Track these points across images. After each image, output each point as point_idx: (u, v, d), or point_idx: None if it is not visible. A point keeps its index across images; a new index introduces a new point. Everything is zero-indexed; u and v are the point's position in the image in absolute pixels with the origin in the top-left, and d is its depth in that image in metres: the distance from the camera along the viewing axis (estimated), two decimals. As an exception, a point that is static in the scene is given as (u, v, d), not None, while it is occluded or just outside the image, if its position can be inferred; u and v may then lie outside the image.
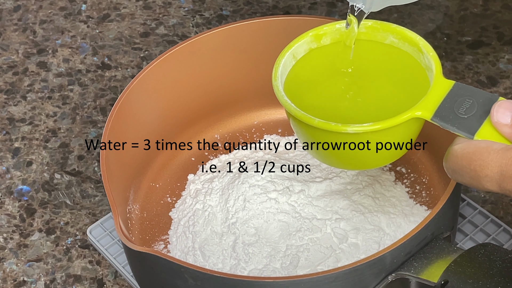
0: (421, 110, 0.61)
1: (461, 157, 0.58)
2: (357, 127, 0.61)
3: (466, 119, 0.60)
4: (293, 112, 0.63)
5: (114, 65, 1.03)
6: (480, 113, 0.60)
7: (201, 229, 0.77)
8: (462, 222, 0.81)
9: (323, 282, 0.64)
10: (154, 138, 0.83)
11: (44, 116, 0.98)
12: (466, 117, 0.60)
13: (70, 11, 1.10)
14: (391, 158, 0.66)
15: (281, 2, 1.08)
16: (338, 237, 0.74)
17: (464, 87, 0.61)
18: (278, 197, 0.77)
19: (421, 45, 0.66)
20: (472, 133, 0.59)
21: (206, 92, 0.86)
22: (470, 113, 0.60)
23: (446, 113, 0.60)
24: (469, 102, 0.60)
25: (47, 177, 0.91)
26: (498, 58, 0.99)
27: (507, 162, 0.55)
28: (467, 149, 0.58)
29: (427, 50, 0.65)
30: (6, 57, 1.05)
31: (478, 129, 0.59)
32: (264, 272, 0.73)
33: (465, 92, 0.61)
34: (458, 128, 0.60)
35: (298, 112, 0.63)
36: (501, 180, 0.55)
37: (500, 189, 0.56)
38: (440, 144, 0.79)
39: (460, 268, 0.63)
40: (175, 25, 1.07)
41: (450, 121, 0.60)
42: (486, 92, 0.61)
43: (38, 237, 0.86)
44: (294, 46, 0.68)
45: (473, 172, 0.57)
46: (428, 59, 0.65)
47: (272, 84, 0.65)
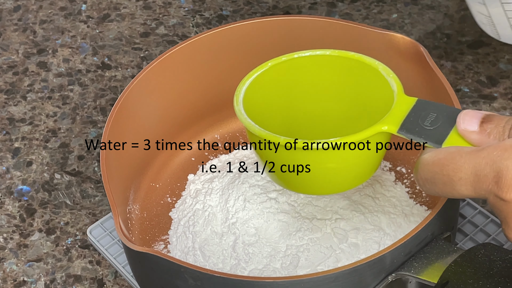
0: (387, 125, 0.62)
1: (432, 164, 0.58)
2: (323, 142, 0.61)
3: (432, 130, 0.60)
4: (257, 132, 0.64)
5: (114, 65, 1.03)
6: (445, 124, 0.60)
7: (201, 229, 0.77)
8: (462, 222, 0.81)
9: (323, 282, 0.64)
10: (154, 138, 0.83)
11: (44, 116, 0.98)
12: (432, 128, 0.60)
13: (70, 11, 1.10)
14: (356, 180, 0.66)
15: (281, 2, 1.08)
16: (338, 237, 0.74)
17: (427, 102, 0.62)
18: (278, 197, 0.78)
19: (380, 69, 0.66)
20: (439, 143, 0.59)
21: (206, 92, 0.85)
22: (435, 124, 0.60)
23: (412, 126, 0.61)
24: (433, 115, 0.61)
25: (47, 177, 0.91)
26: (498, 58, 0.99)
27: (481, 162, 0.55)
28: (437, 156, 0.58)
29: (387, 73, 0.66)
30: (6, 57, 1.05)
31: (445, 138, 0.59)
32: (264, 272, 0.73)
33: (428, 107, 0.62)
34: (425, 138, 0.60)
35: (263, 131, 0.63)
36: (476, 181, 0.55)
37: (475, 192, 0.56)
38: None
39: (460, 268, 0.63)
40: (175, 25, 1.07)
41: (417, 133, 0.61)
42: (449, 106, 0.61)
43: (38, 237, 0.86)
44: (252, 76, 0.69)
45: (446, 178, 0.57)
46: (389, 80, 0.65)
47: (234, 109, 0.66)
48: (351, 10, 1.07)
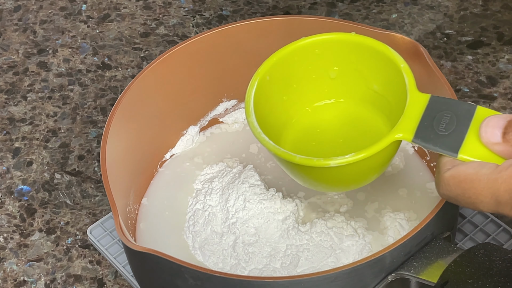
0: (401, 132, 0.61)
1: (453, 186, 0.58)
2: (339, 160, 0.61)
3: (447, 136, 0.59)
4: (273, 150, 0.63)
5: (114, 65, 1.03)
6: (460, 127, 0.59)
7: (201, 229, 0.77)
8: (462, 222, 0.81)
9: (323, 282, 0.64)
10: (154, 138, 0.83)
11: (44, 116, 0.98)
12: (447, 134, 0.59)
13: (70, 11, 1.10)
14: (370, 179, 0.66)
15: (281, 2, 1.08)
16: (338, 237, 0.74)
17: (440, 99, 0.61)
18: (278, 197, 0.77)
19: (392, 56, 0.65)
20: (455, 151, 0.59)
21: (206, 92, 0.86)
22: (450, 129, 0.59)
23: (427, 132, 0.60)
24: (448, 116, 0.60)
25: (47, 177, 0.91)
26: (498, 58, 0.99)
27: (499, 188, 0.55)
28: (458, 178, 0.58)
29: (398, 61, 0.65)
30: (6, 57, 1.05)
31: (460, 146, 0.59)
32: (264, 272, 0.73)
33: (442, 105, 0.61)
34: (440, 147, 0.59)
35: (278, 149, 0.63)
36: (497, 205, 0.56)
37: (498, 211, 0.56)
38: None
39: (460, 268, 0.63)
40: (175, 25, 1.07)
41: (432, 141, 0.60)
42: (462, 102, 0.60)
43: (38, 237, 0.86)
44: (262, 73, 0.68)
45: (468, 199, 0.58)
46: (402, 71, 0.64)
47: (247, 121, 0.65)
48: (351, 10, 1.07)
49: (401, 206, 0.78)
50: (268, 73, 0.68)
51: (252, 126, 0.65)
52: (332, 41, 0.68)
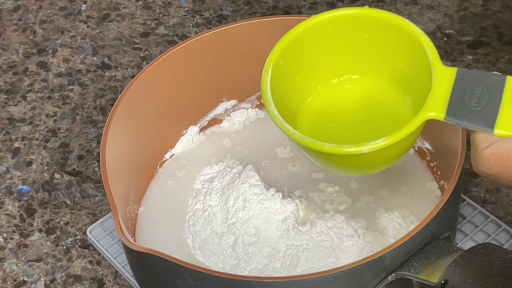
0: (433, 111, 0.58)
1: (494, 165, 0.57)
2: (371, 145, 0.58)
3: (480, 111, 0.57)
4: (299, 140, 0.60)
5: (114, 65, 1.03)
6: (493, 100, 0.57)
7: (201, 229, 0.77)
8: (462, 222, 0.81)
9: (323, 282, 0.64)
10: (154, 138, 0.83)
11: (44, 116, 0.98)
12: (479, 109, 0.57)
13: (70, 11, 1.10)
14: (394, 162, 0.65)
15: (281, 2, 1.08)
16: (338, 237, 0.74)
17: (468, 72, 0.58)
18: (278, 197, 0.77)
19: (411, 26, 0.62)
20: (491, 126, 0.57)
21: (206, 92, 0.86)
22: (482, 103, 0.57)
23: (459, 108, 0.57)
24: (478, 90, 0.57)
25: (47, 177, 0.91)
26: (498, 58, 0.99)
27: None
28: (499, 156, 0.56)
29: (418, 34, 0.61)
30: (6, 57, 1.05)
31: (495, 120, 0.56)
32: (264, 272, 0.73)
33: (470, 79, 0.58)
34: (475, 123, 0.57)
35: (305, 139, 0.60)
36: None
37: None
38: (440, 144, 0.79)
39: (460, 268, 0.63)
40: (175, 25, 1.07)
41: (465, 117, 0.57)
42: (491, 74, 0.58)
43: (38, 237, 0.86)
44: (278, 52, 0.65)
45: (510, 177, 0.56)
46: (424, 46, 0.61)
47: (268, 111, 0.63)
48: (351, 10, 1.07)
49: (401, 206, 0.78)
50: (281, 57, 0.65)
51: (274, 116, 0.62)
52: (344, 17, 0.65)
